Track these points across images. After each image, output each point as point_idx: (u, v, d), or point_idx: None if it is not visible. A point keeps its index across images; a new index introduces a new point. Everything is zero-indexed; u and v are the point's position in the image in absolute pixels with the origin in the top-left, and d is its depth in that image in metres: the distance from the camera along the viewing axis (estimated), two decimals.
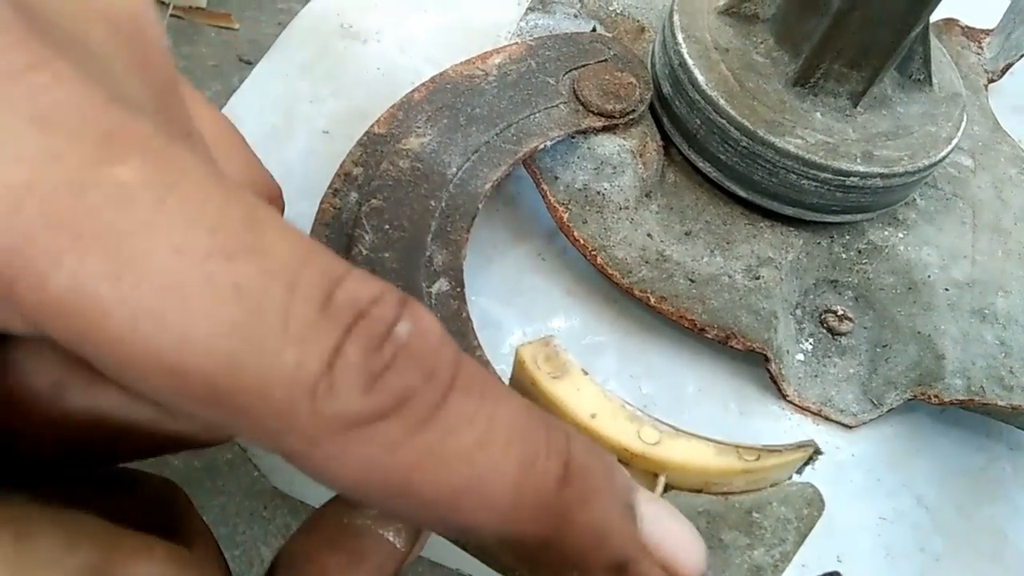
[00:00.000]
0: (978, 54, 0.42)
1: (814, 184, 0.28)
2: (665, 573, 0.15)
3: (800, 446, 0.21)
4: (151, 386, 0.10)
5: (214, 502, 0.47)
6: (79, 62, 0.10)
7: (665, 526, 0.15)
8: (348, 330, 0.11)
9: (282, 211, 0.19)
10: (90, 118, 0.10)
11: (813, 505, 0.21)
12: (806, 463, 0.22)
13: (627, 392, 0.29)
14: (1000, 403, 0.28)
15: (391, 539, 0.19)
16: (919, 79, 0.32)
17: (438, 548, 0.26)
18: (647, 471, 0.21)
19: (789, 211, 0.30)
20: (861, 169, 0.28)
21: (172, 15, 0.59)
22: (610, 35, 0.34)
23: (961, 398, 0.28)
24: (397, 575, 0.19)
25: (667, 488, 0.21)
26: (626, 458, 0.21)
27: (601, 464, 0.14)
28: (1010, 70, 0.41)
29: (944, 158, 0.30)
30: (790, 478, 0.22)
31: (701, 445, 0.21)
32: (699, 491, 0.21)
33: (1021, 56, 0.40)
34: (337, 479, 0.11)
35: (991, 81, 0.41)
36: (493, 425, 0.12)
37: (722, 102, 0.28)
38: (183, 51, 0.57)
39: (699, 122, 0.30)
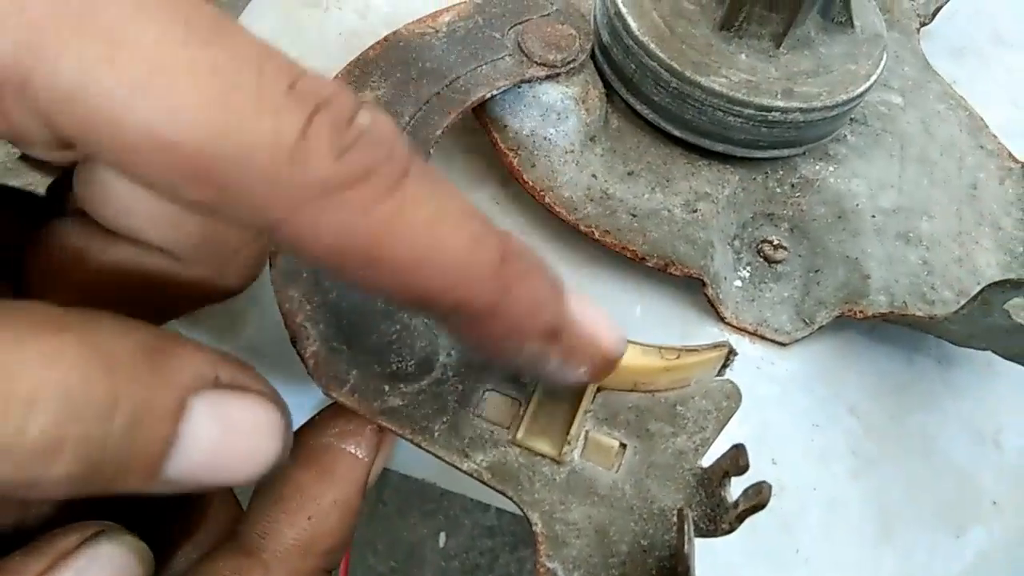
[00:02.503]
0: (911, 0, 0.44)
1: (739, 120, 0.31)
2: (590, 343, 0.17)
3: (716, 345, 0.23)
4: (149, 167, 0.12)
5: None
6: None
7: (590, 309, 0.17)
8: (316, 109, 0.13)
9: None
10: None
11: (731, 398, 0.23)
12: (724, 365, 0.24)
13: None
14: (919, 314, 0.31)
15: (353, 450, 0.22)
16: (841, 21, 0.34)
17: (409, 462, 0.29)
18: None
19: (720, 148, 0.32)
20: (781, 104, 0.30)
21: None
22: None
23: (884, 312, 0.31)
24: (366, 482, 0.22)
25: (599, 389, 0.23)
26: None
27: (533, 254, 0.16)
28: (942, 14, 0.44)
29: (863, 94, 0.32)
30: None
31: (627, 346, 0.23)
32: (630, 391, 0.23)
33: (948, 0, 0.43)
34: (316, 246, 0.13)
35: (923, 25, 0.43)
36: (446, 206, 0.14)
37: (653, 46, 0.31)
38: None
39: (634, 67, 0.32)
